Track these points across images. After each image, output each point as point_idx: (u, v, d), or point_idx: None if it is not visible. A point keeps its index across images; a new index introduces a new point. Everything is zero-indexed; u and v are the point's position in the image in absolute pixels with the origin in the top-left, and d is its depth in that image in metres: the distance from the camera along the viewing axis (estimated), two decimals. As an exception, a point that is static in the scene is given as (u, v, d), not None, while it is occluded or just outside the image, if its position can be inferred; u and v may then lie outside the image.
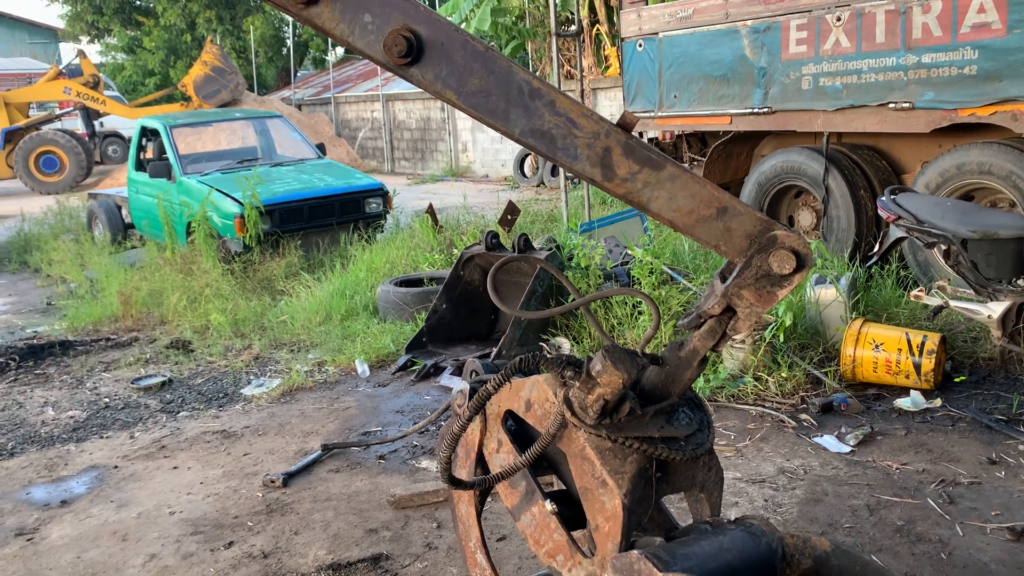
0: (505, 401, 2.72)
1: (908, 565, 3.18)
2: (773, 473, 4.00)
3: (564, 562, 2.56)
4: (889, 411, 4.66)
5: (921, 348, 4.86)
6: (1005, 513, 3.50)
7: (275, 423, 5.05)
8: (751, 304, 2.34)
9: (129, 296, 7.70)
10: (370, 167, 21.22)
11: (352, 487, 4.13)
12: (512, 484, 2.71)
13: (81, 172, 20.66)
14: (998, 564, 3.15)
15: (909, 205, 5.33)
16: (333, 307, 6.99)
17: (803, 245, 2.29)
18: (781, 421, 4.57)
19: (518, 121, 2.38)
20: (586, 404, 2.34)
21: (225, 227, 8.82)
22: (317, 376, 5.86)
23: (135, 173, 10.59)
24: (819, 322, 5.56)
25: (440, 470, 2.47)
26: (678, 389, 2.49)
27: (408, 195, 14.77)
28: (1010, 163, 5.83)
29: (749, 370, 5.09)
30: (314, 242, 9.01)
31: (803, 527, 3.47)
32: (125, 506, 4.08)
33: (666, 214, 2.40)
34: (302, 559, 3.49)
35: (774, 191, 7.66)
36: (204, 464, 4.52)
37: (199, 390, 5.80)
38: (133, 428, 5.15)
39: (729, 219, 2.35)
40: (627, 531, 2.39)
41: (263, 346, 6.55)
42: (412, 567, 3.39)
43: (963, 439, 4.24)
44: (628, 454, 2.39)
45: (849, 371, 5.04)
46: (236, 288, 7.75)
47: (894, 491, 3.75)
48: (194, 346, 6.72)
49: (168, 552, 3.61)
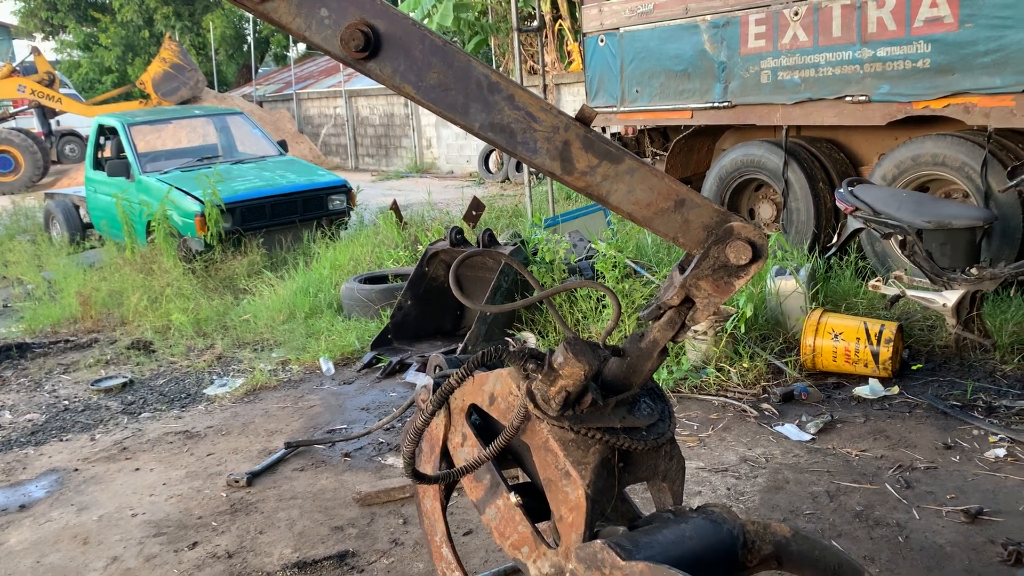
0: (469, 395, 2.73)
1: (867, 549, 3.24)
2: (735, 462, 4.05)
3: (529, 554, 2.57)
4: (848, 399, 4.75)
5: (879, 337, 4.95)
6: (960, 496, 3.59)
7: (239, 423, 5.01)
8: (709, 295, 2.37)
9: (88, 297, 7.58)
10: (333, 164, 21.06)
11: (317, 485, 4.11)
12: (477, 478, 2.72)
13: (37, 172, 20.25)
14: (953, 546, 3.22)
15: (866, 196, 5.42)
16: (297, 305, 6.94)
17: (759, 236, 2.32)
18: (743, 411, 4.63)
19: (477, 115, 2.39)
20: (548, 396, 2.36)
21: (186, 226, 8.71)
22: (281, 375, 5.82)
23: (93, 172, 10.41)
24: (780, 313, 5.64)
25: (404, 465, 2.47)
26: (639, 380, 2.52)
27: (372, 192, 14.70)
28: (963, 155, 5.95)
29: (711, 361, 5.15)
30: (277, 240, 8.94)
31: (765, 514, 3.53)
32: (86, 509, 4.02)
33: (625, 207, 2.43)
34: (267, 558, 3.46)
35: (735, 184, 7.75)
36: (167, 465, 4.47)
37: (161, 391, 5.73)
38: (94, 430, 5.08)
39: (687, 211, 2.38)
40: (591, 521, 2.41)
41: (226, 346, 6.49)
42: (378, 563, 3.39)
43: (920, 425, 4.33)
44: (591, 445, 2.41)
45: (809, 360, 5.12)
46: (198, 287, 7.66)
47: (853, 477, 3.82)
48: (155, 346, 6.64)
49: (130, 554, 3.56)
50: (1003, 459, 3.89)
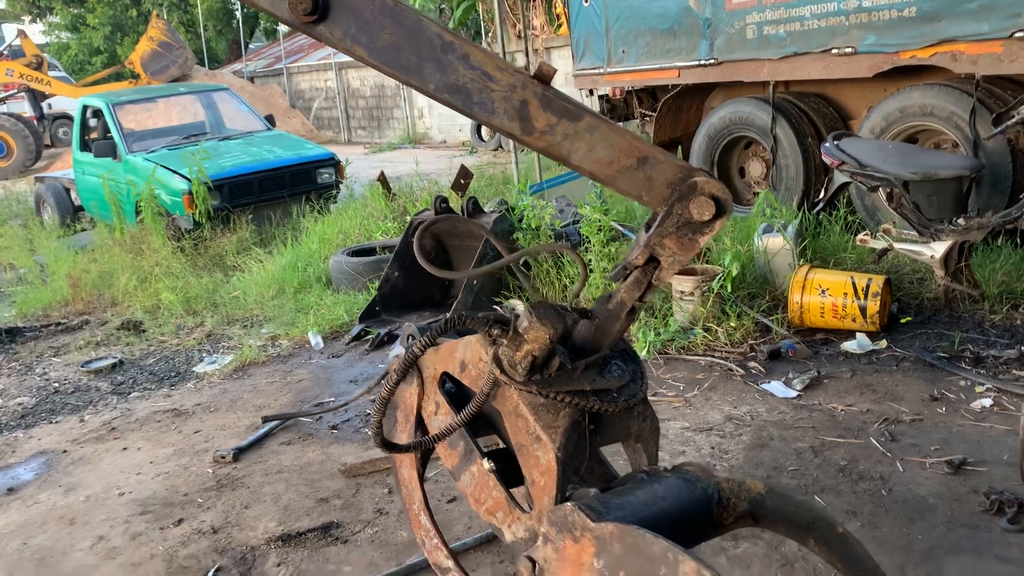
0: (440, 363, 2.71)
1: (849, 503, 3.23)
2: (720, 421, 4.04)
3: (504, 518, 2.57)
4: (836, 355, 4.72)
5: (866, 291, 4.91)
6: (944, 447, 3.57)
7: (227, 399, 5.00)
8: (674, 253, 2.34)
9: (78, 279, 7.57)
10: (326, 138, 20.93)
11: (304, 458, 4.11)
12: (451, 445, 2.71)
13: (30, 156, 20.16)
14: (936, 497, 3.21)
15: (852, 150, 5.36)
16: (286, 280, 6.92)
17: (722, 191, 2.28)
18: (729, 370, 4.61)
19: (432, 76, 2.34)
20: (515, 361, 2.34)
21: (174, 204, 8.67)
22: (270, 350, 5.81)
23: (80, 154, 10.35)
24: (768, 271, 5.60)
25: (372, 435, 2.45)
26: (608, 341, 2.49)
27: (364, 164, 14.61)
28: (951, 104, 5.87)
29: (699, 321, 5.12)
30: (266, 215, 8.90)
31: (749, 472, 3.52)
32: (73, 490, 4.03)
33: (587, 166, 2.38)
34: (252, 532, 3.47)
35: (724, 143, 7.66)
36: (154, 444, 4.47)
37: (151, 370, 5.72)
38: (83, 412, 5.08)
39: (650, 168, 2.34)
40: (562, 484, 2.40)
41: (215, 323, 6.48)
42: (363, 533, 3.39)
43: (907, 378, 4.31)
44: (560, 408, 2.39)
45: (797, 317, 5.08)
46: (187, 266, 7.64)
47: (838, 432, 3.80)
48: (145, 326, 6.63)
49: (116, 533, 3.57)
50: (989, 409, 3.87)
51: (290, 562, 3.23)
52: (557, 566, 2.31)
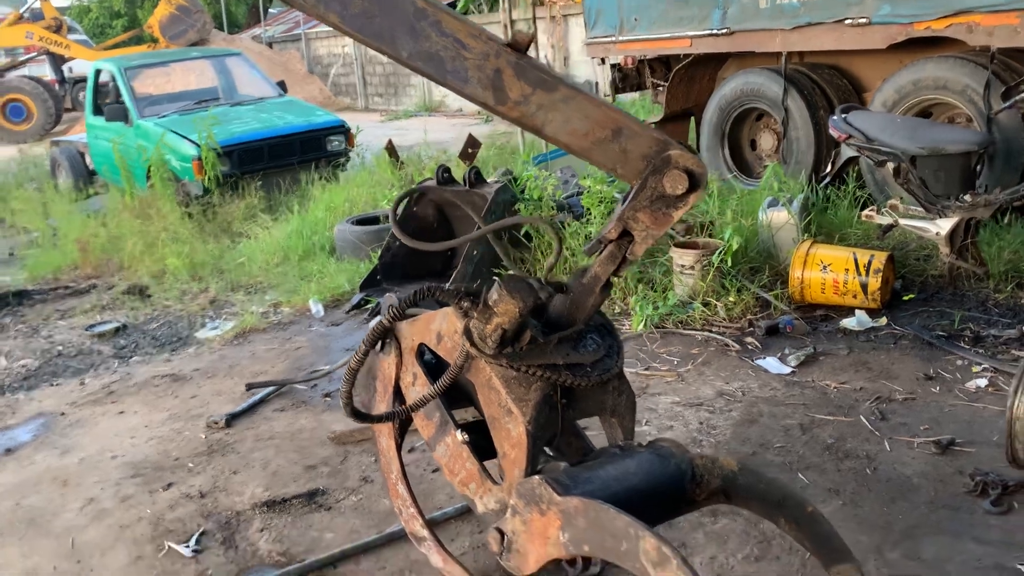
0: (417, 334, 2.70)
1: (833, 481, 3.21)
2: (711, 396, 4.02)
3: (476, 490, 2.57)
4: (834, 331, 4.67)
5: (868, 267, 4.85)
6: (934, 427, 3.53)
7: (225, 365, 5.04)
8: (647, 227, 2.31)
9: (87, 244, 7.62)
10: (343, 104, 20.87)
11: (296, 425, 4.14)
12: (427, 416, 2.71)
13: (50, 120, 20.25)
14: (920, 477, 3.18)
15: (859, 123, 5.26)
16: (291, 248, 6.93)
17: (697, 164, 2.24)
18: (726, 345, 4.58)
19: (405, 44, 2.30)
20: (485, 334, 2.33)
21: (184, 170, 8.69)
22: (272, 317, 5.84)
23: (93, 118, 10.38)
24: (772, 245, 5.54)
25: (342, 404, 2.46)
26: (582, 316, 2.47)
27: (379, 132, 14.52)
28: (965, 77, 5.74)
29: (698, 296, 5.08)
30: (275, 182, 8.88)
31: (735, 448, 3.50)
32: (68, 452, 4.09)
33: (562, 138, 2.35)
34: (238, 497, 3.51)
35: (735, 114, 7.55)
36: (150, 408, 4.52)
37: (153, 335, 5.77)
38: (84, 375, 5.14)
39: (625, 140, 2.30)
40: (532, 457, 2.40)
41: (220, 289, 6.51)
42: (347, 500, 3.42)
43: (904, 356, 4.26)
44: (532, 382, 2.38)
45: (797, 293, 5.03)
46: (194, 231, 7.66)
47: (829, 410, 3.77)
48: (151, 291, 6.68)
49: (106, 496, 3.62)
50: (983, 389, 3.82)
51: (273, 527, 3.26)
52: (525, 538, 2.32)
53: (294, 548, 3.11)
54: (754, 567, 2.75)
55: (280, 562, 3.04)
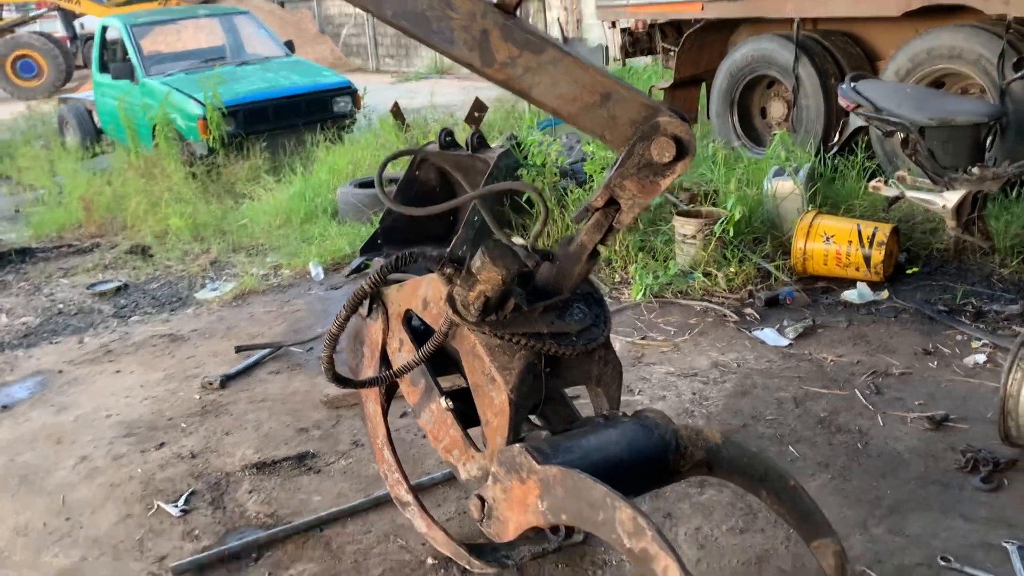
0: (404, 300, 2.68)
1: (823, 455, 3.19)
2: (706, 367, 3.99)
3: (459, 457, 2.57)
4: (835, 304, 4.62)
5: (872, 240, 4.78)
6: (929, 403, 3.50)
7: (223, 326, 5.04)
8: (634, 195, 2.27)
9: (91, 202, 7.61)
10: (354, 66, 20.69)
11: (290, 388, 4.14)
12: (413, 382, 2.70)
13: (60, 76, 20.15)
14: (911, 453, 3.15)
15: (868, 92, 5.17)
16: (293, 210, 6.90)
17: (685, 132, 2.19)
18: (724, 316, 4.54)
19: (390, 1, 2.26)
20: (468, 301, 2.30)
21: (189, 129, 8.64)
22: (272, 280, 5.83)
23: (100, 75, 10.32)
24: (776, 215, 5.47)
25: (324, 369, 2.44)
26: (569, 284, 2.45)
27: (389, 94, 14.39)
28: (980, 46, 5.61)
29: (699, 266, 5.03)
30: (280, 143, 8.82)
31: (726, 420, 3.48)
32: (64, 410, 4.11)
33: (549, 102, 2.30)
34: (229, 458, 3.52)
35: (746, 81, 7.42)
36: (147, 368, 4.53)
37: (153, 295, 5.78)
38: (83, 333, 5.15)
39: (613, 106, 2.25)
40: (514, 425, 2.39)
41: (221, 250, 6.50)
42: (336, 464, 3.42)
43: (903, 330, 4.22)
44: (516, 350, 2.36)
45: (800, 264, 4.97)
46: (198, 192, 7.64)
47: (824, 383, 3.74)
48: (153, 251, 6.67)
49: (99, 454, 3.64)
50: (982, 365, 3.77)
51: (262, 489, 3.27)
52: (505, 506, 2.32)
53: (281, 510, 3.12)
54: (738, 539, 2.74)
55: (267, 524, 3.05)
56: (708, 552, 2.70)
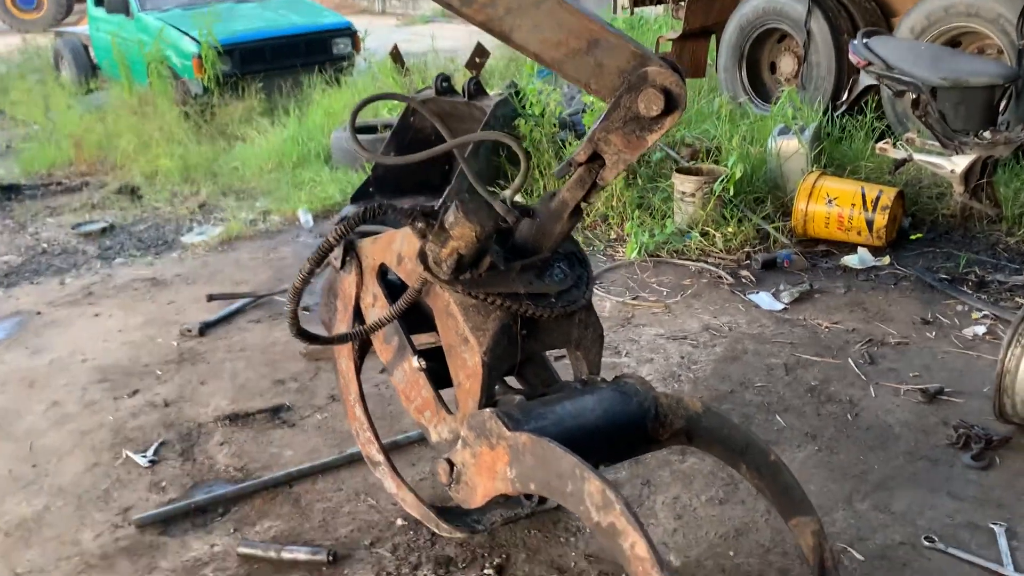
0: (378, 254, 2.57)
1: (811, 425, 3.09)
2: (697, 330, 3.88)
3: (431, 418, 2.48)
4: (834, 268, 4.50)
5: (876, 203, 4.64)
6: (924, 375, 3.39)
7: (207, 272, 4.93)
8: (619, 150, 2.13)
9: (81, 140, 7.45)
10: (360, 7, 20.25)
11: (270, 338, 4.05)
12: (386, 339, 2.60)
13: (60, 9, 19.73)
14: (903, 426, 3.06)
15: (880, 50, 4.96)
16: (286, 154, 6.75)
17: (676, 84, 2.05)
18: (719, 278, 4.42)
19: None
20: (440, 258, 2.19)
21: (183, 67, 8.44)
22: (260, 225, 5.70)
23: (95, 9, 10.05)
24: (779, 175, 5.31)
25: (288, 324, 2.34)
26: (549, 243, 2.33)
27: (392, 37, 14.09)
28: (1000, 5, 5.38)
29: (697, 225, 4.89)
30: (276, 85, 8.61)
31: (713, 385, 3.38)
32: (39, 353, 4.02)
33: (532, 46, 2.15)
34: (202, 408, 3.43)
35: (756, 35, 7.18)
36: (127, 312, 4.43)
37: (139, 237, 5.66)
38: (65, 274, 5.05)
39: (600, 53, 2.10)
40: (487, 388, 2.29)
41: (211, 193, 6.36)
42: (311, 418, 3.34)
43: (903, 298, 4.09)
44: (491, 311, 2.25)
45: (800, 226, 4.84)
46: (190, 132, 7.47)
47: (817, 351, 3.63)
48: (142, 192, 6.54)
49: (71, 399, 3.56)
50: (981, 337, 3.66)
51: (234, 441, 3.19)
52: (473, 471, 2.23)
53: (252, 464, 3.04)
54: (717, 510, 2.66)
55: (236, 477, 2.97)
56: (685, 523, 2.62)
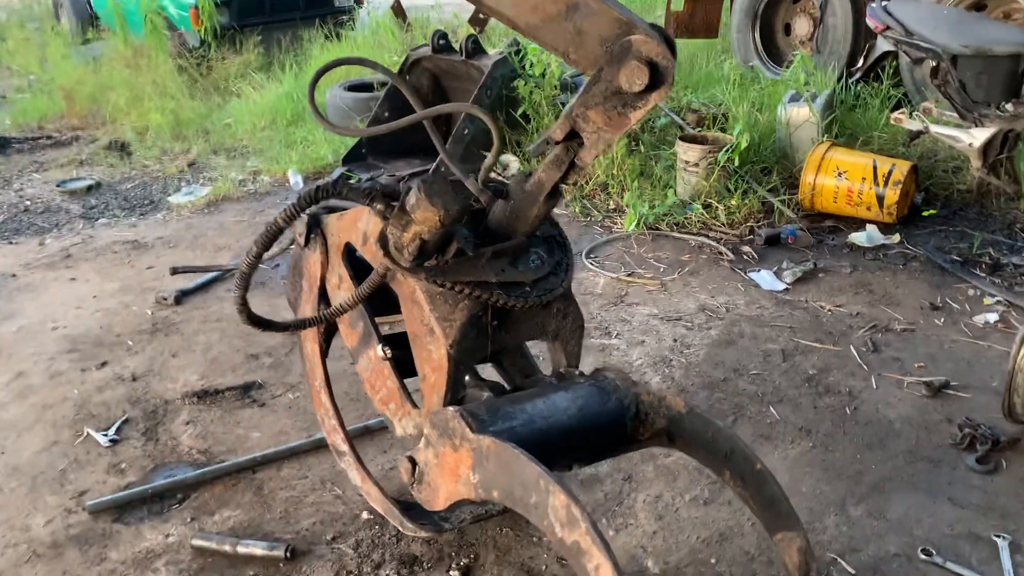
0: (344, 232, 2.40)
1: (806, 419, 2.92)
2: (693, 310, 3.69)
3: (395, 411, 2.32)
4: (840, 246, 4.29)
5: (887, 178, 4.41)
6: (930, 365, 3.20)
7: (190, 235, 4.77)
8: (599, 128, 1.93)
9: (72, 92, 7.25)
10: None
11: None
12: (351, 324, 2.44)
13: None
14: (903, 422, 2.88)
15: (900, 14, 4.69)
16: (280, 111, 6.54)
17: (662, 55, 1.83)
18: (719, 254, 4.22)
19: None
20: (402, 243, 2.00)
21: (180, 19, 8.19)
22: (249, 186, 5.52)
23: (92, -45, 9.78)
24: (788, 145, 5.08)
25: (237, 311, 2.16)
26: (524, 227, 2.14)
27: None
28: (1029, -34, 5.09)
29: (700, 196, 4.68)
30: (275, 39, 8.37)
31: (706, 372, 3.21)
32: (9, 319, 3.87)
33: (505, 10, 1.94)
34: (171, 384, 3.29)
35: (770, -6, 6.89)
36: (103, 277, 4.28)
37: (125, 196, 5.49)
38: (46, 235, 4.89)
39: (580, 19, 1.89)
40: (453, 383, 2.12)
41: (201, 151, 6.18)
42: (283, 398, 3.19)
43: (911, 280, 3.89)
44: (459, 300, 2.08)
45: (808, 200, 4.62)
46: (184, 87, 7.25)
47: (817, 336, 3.44)
48: (132, 148, 6.35)
49: (38, 371, 3.42)
50: (992, 325, 3.46)
51: (200, 421, 3.05)
52: (436, 472, 2.08)
53: (216, 447, 2.90)
54: (701, 511, 2.50)
55: (198, 461, 2.83)
56: (666, 524, 2.46)
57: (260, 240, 2.08)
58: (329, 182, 2.05)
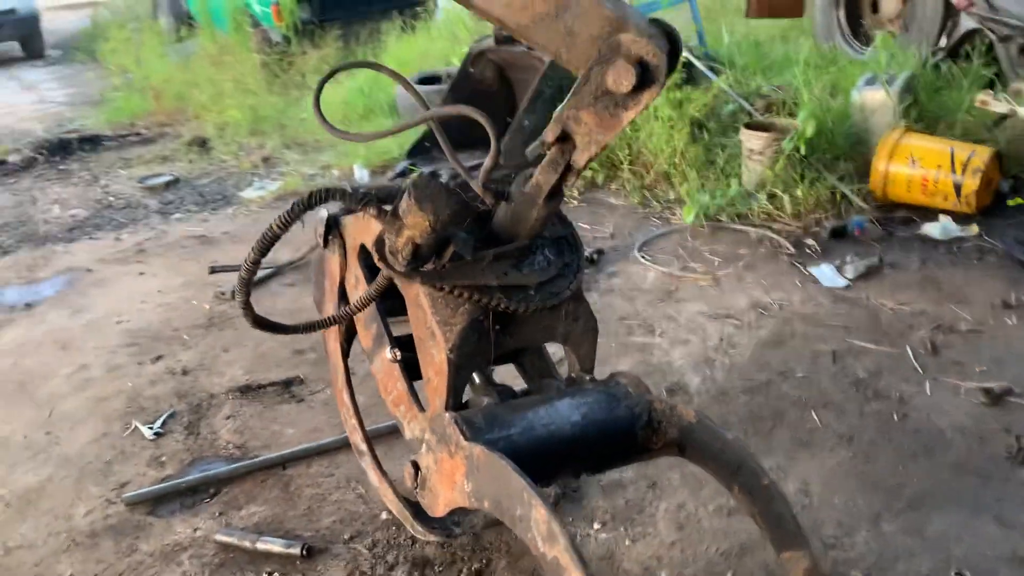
0: (359, 234, 2.41)
1: (850, 425, 2.77)
2: (744, 307, 3.55)
3: (405, 413, 2.32)
4: (911, 239, 4.05)
5: (966, 165, 4.14)
6: (993, 370, 2.99)
7: (256, 230, 4.85)
8: (591, 130, 1.87)
9: (160, 90, 7.56)
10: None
11: (299, 303, 3.97)
12: (366, 325, 2.45)
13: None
14: (955, 431, 2.69)
15: (985, -11, 4.39)
16: (352, 105, 6.63)
17: (654, 54, 1.75)
18: (779, 247, 4.05)
19: None
20: (396, 248, 1.99)
21: (264, 15, 8.41)
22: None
23: (184, -45, 10.16)
24: (864, 130, 4.82)
25: (243, 315, 2.20)
26: (525, 230, 2.09)
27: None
28: None
29: (765, 186, 4.50)
30: (354, 32, 8.49)
31: (749, 374, 3.08)
32: (79, 313, 4.07)
33: (494, 10, 1.90)
34: (218, 378, 3.39)
35: (857, -30, 6.54)
36: (170, 271, 4.44)
37: (201, 191, 5.69)
38: (123, 230, 5.12)
39: (571, 18, 1.83)
40: (454, 388, 2.10)
41: (275, 146, 6.34)
42: (321, 394, 3.24)
43: (984, 276, 3.64)
44: (459, 304, 2.05)
45: (880, 189, 4.38)
46: (264, 83, 7.45)
47: (873, 336, 3.26)
48: (212, 144, 6.57)
49: (98, 363, 3.58)
50: (1070, 327, 3.21)
51: (240, 416, 3.13)
52: (436, 478, 2.07)
53: (252, 442, 2.97)
54: (723, 522, 2.41)
55: (234, 455, 2.91)
56: (686, 535, 2.38)
57: (257, 246, 2.10)
58: (320, 189, 2.05)
